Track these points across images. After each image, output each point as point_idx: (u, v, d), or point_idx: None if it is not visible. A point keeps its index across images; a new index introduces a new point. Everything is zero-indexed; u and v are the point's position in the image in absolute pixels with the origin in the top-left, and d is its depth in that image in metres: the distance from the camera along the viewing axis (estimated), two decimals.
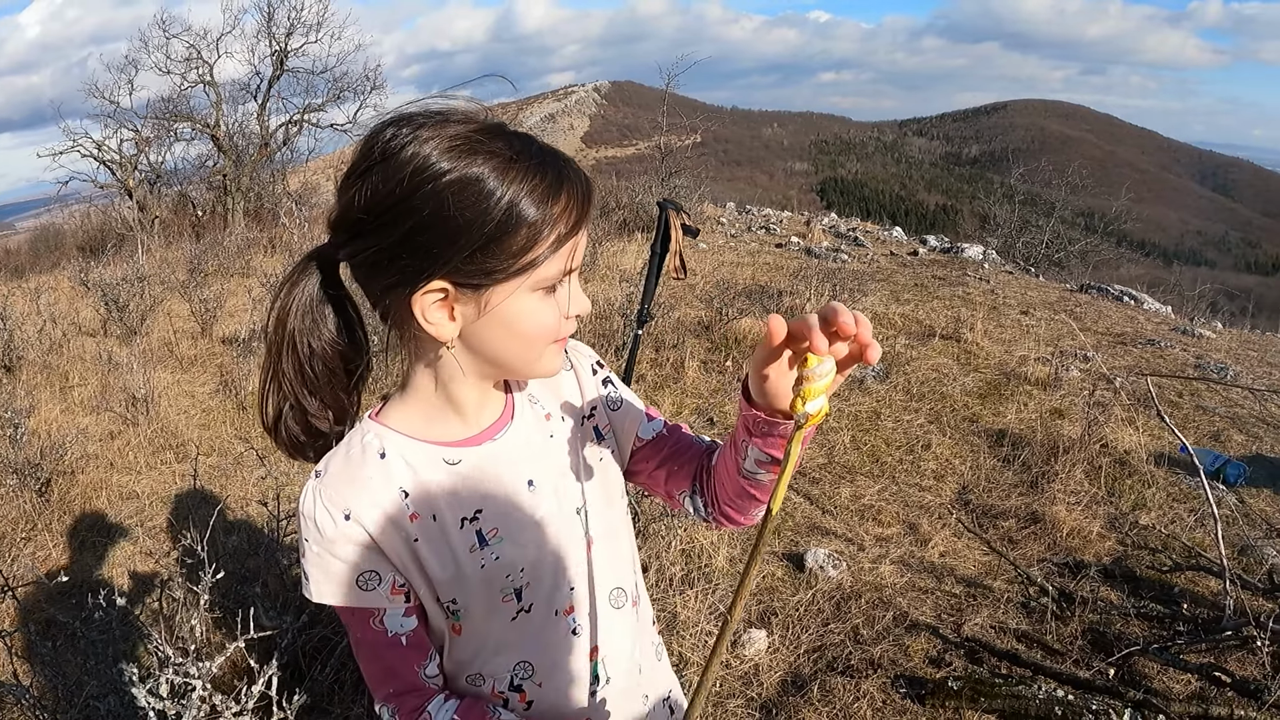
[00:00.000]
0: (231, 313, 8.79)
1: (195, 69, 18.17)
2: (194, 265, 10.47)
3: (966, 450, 6.06)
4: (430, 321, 1.16)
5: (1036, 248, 15.68)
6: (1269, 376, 8.08)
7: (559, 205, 1.14)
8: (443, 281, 1.13)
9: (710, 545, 4.44)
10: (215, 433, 5.96)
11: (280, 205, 16.09)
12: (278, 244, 12.63)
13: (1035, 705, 3.24)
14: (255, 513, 4.80)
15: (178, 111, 18.03)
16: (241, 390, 6.51)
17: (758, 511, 1.39)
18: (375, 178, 1.11)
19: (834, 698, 3.42)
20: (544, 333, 1.22)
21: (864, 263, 12.21)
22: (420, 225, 1.09)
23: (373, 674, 1.33)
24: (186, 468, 5.37)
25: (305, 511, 1.24)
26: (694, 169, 17.06)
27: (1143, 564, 4.58)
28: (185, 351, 7.63)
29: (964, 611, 4.12)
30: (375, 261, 1.15)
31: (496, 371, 1.28)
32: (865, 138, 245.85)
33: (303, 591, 1.26)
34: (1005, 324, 9.27)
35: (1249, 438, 6.46)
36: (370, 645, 1.30)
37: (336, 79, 19.03)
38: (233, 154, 17.96)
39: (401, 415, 1.31)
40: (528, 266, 1.14)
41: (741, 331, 8.06)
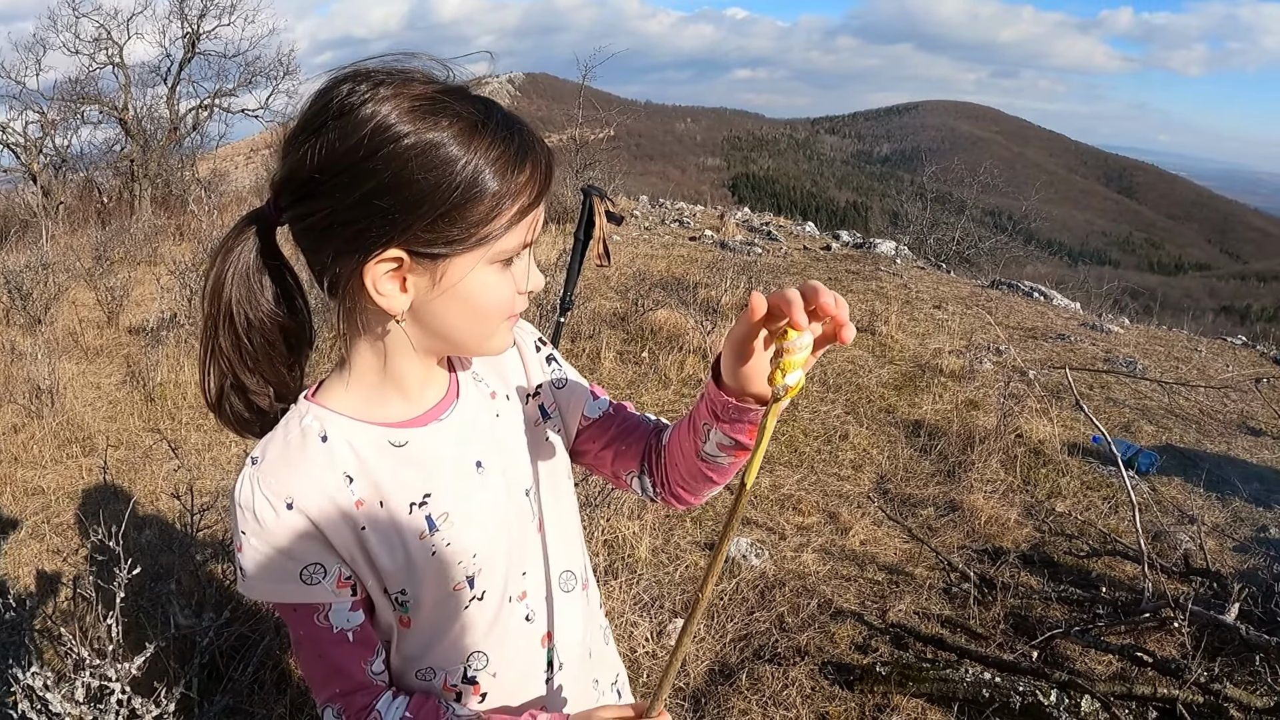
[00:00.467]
0: (139, 302, 8.52)
1: (105, 50, 17.59)
2: (100, 252, 10.13)
3: (883, 440, 6.10)
4: (381, 293, 1.09)
5: (948, 245, 15.92)
6: (1176, 370, 8.29)
7: (523, 175, 1.08)
8: (399, 250, 1.06)
9: (633, 536, 4.40)
10: (123, 425, 5.76)
11: (189, 192, 15.70)
12: (186, 232, 12.30)
13: (963, 688, 3.25)
14: (166, 507, 4.65)
15: (85, 94, 17.42)
16: (149, 381, 6.30)
17: (710, 492, 1.37)
18: (331, 135, 1.02)
19: (763, 686, 3.40)
20: (499, 308, 1.16)
21: (778, 257, 12.26)
22: (379, 188, 1.02)
23: (316, 674, 1.24)
24: (94, 462, 5.18)
25: (242, 501, 1.14)
26: (608, 162, 17.01)
27: (1060, 550, 4.64)
28: (91, 341, 7.38)
29: (887, 598, 4.13)
30: (327, 226, 1.06)
31: (445, 347, 1.22)
32: (778, 134, 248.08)
33: (238, 588, 1.19)
34: (919, 318, 9.38)
35: (1158, 428, 6.61)
36: (314, 643, 1.21)
37: (249, 63, 18.56)
38: (141, 138, 17.38)
39: (341, 395, 1.22)
40: (488, 238, 1.08)
41: (657, 323, 8.04)
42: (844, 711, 3.29)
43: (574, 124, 17.06)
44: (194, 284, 7.76)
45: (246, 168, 20.52)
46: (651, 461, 1.41)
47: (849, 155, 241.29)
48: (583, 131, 16.89)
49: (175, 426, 5.73)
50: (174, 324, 7.17)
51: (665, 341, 7.63)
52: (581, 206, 3.74)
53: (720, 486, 1.35)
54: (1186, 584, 4.22)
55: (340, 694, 1.23)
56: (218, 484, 4.96)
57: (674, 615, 3.90)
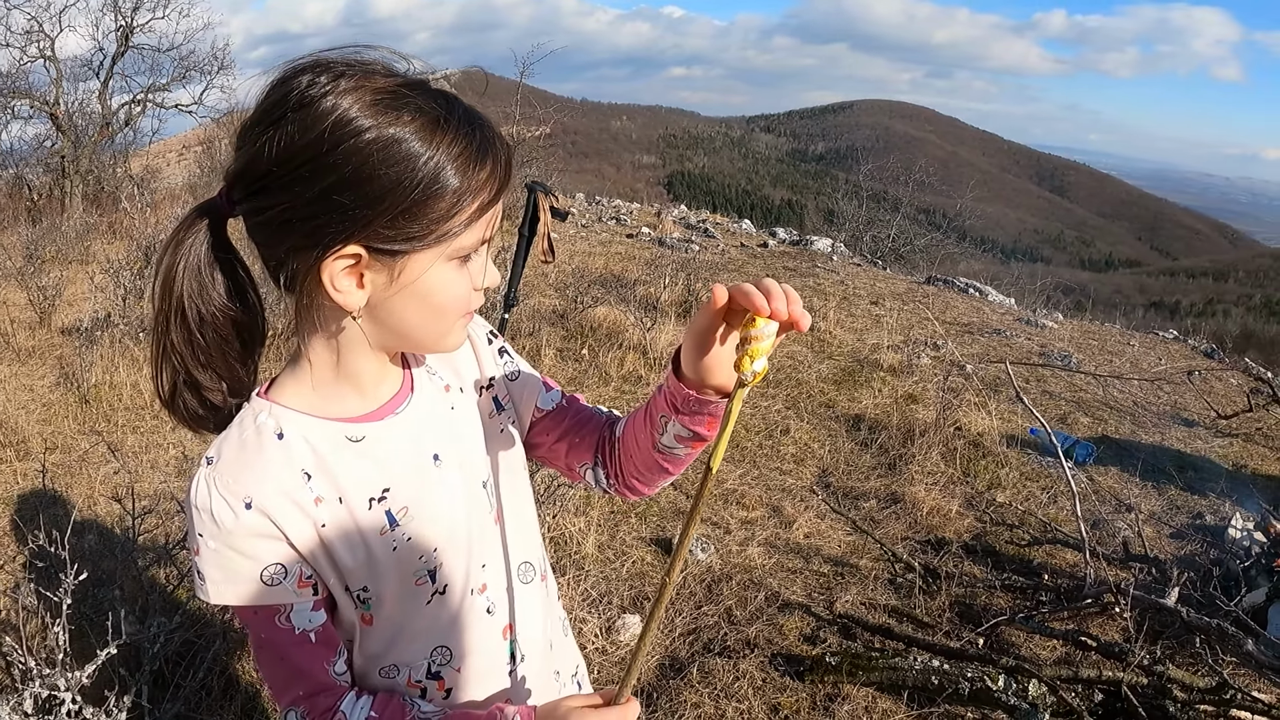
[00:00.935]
0: (71, 301, 8.32)
1: (36, 43, 17.06)
2: (31, 251, 9.89)
3: (824, 435, 6.14)
4: (338, 289, 1.06)
5: (883, 242, 16.08)
6: (1110, 364, 8.44)
7: (484, 171, 1.06)
8: (357, 246, 1.03)
9: (579, 532, 4.39)
10: (57, 428, 5.63)
11: (122, 189, 15.34)
12: (119, 229, 12.03)
13: (913, 676, 3.28)
14: (104, 511, 4.55)
15: (16, 88, 16.92)
16: (84, 383, 6.17)
17: (664, 482, 1.38)
18: (290, 127, 0.99)
19: (714, 679, 3.40)
20: (456, 305, 1.14)
21: (715, 254, 12.32)
22: (339, 183, 0.99)
23: (278, 676, 1.21)
24: (29, 466, 5.05)
25: (199, 504, 1.11)
26: (545, 160, 16.98)
27: (1002, 539, 4.71)
28: (22, 342, 7.19)
29: (834, 590, 4.15)
30: (284, 220, 1.03)
31: (401, 344, 1.19)
32: (713, 133, 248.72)
33: (197, 593, 1.15)
34: (856, 314, 9.47)
35: (1094, 420, 6.73)
36: (276, 645, 1.18)
37: (183, 58, 18.11)
38: (72, 134, 16.92)
39: (294, 391, 1.19)
40: (448, 234, 1.06)
41: (596, 320, 8.04)
42: (795, 702, 3.30)
43: (511, 122, 16.99)
44: (128, 283, 7.61)
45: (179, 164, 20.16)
46: (605, 453, 1.41)
47: (784, 154, 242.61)
48: (520, 129, 16.84)
49: (111, 429, 5.61)
50: (108, 324, 7.01)
51: (605, 338, 7.63)
52: (526, 202, 3.72)
53: (675, 476, 1.36)
54: (1126, 570, 4.30)
55: (304, 696, 1.21)
56: (156, 487, 4.86)
57: (623, 610, 3.90)
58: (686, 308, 8.65)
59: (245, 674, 3.34)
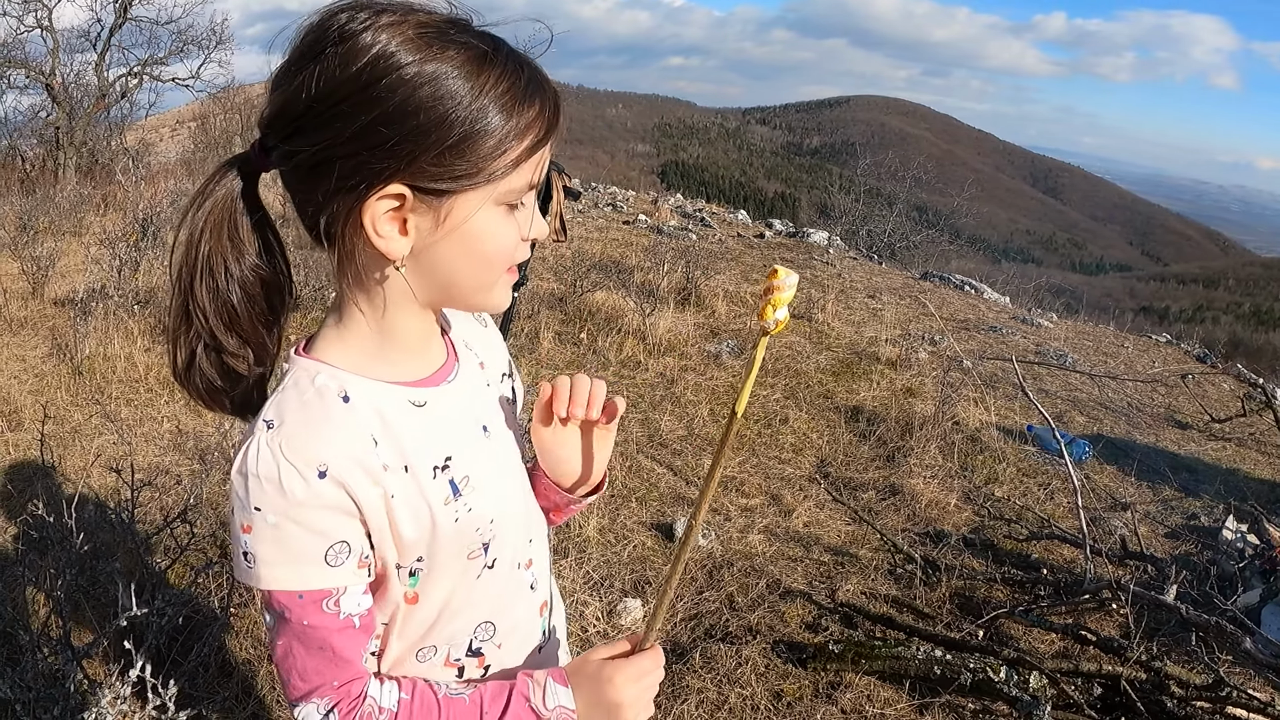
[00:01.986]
0: (64, 273, 8.26)
1: (34, 12, 16.92)
2: (24, 221, 9.83)
3: (823, 425, 6.15)
4: (381, 234, 1.00)
5: (879, 237, 16.09)
6: (1105, 364, 8.47)
7: (532, 111, 1.01)
8: (401, 186, 0.97)
9: (580, 516, 4.39)
10: (50, 399, 5.59)
11: (116, 162, 15.21)
12: (112, 202, 11.95)
13: (915, 665, 3.29)
14: (99, 483, 4.53)
15: (12, 58, 16.77)
16: (77, 354, 6.14)
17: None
18: (331, 62, 0.94)
19: (717, 664, 3.40)
20: (504, 253, 1.08)
21: (713, 242, 12.31)
22: (382, 118, 0.94)
23: (309, 667, 1.09)
24: (21, 437, 5.03)
25: (262, 472, 1.00)
26: None
27: (1000, 533, 4.72)
28: (15, 313, 7.15)
29: (834, 578, 4.16)
30: (322, 160, 0.97)
31: (445, 298, 1.12)
32: (709, 123, 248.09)
33: (241, 577, 1.05)
34: (854, 306, 9.48)
35: (1089, 419, 6.75)
36: (317, 633, 1.07)
37: (181, 31, 18.01)
38: (67, 105, 16.81)
39: (342, 352, 1.11)
40: (495, 175, 1.00)
41: (595, 305, 8.02)
42: (798, 689, 3.31)
43: None
44: (123, 255, 7.57)
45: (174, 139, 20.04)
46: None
47: (779, 146, 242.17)
48: None
49: (105, 401, 5.58)
50: (103, 296, 6.98)
51: (604, 323, 7.63)
52: None
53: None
54: (1123, 567, 4.32)
55: (338, 685, 1.10)
56: (152, 460, 4.85)
57: (624, 594, 3.90)
58: (686, 295, 8.64)
59: (242, 650, 3.33)
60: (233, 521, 1.04)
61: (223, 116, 18.39)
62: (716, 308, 8.52)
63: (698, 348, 7.39)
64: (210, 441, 4.97)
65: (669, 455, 5.43)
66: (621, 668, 1.17)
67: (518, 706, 1.15)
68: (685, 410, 6.15)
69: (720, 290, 8.93)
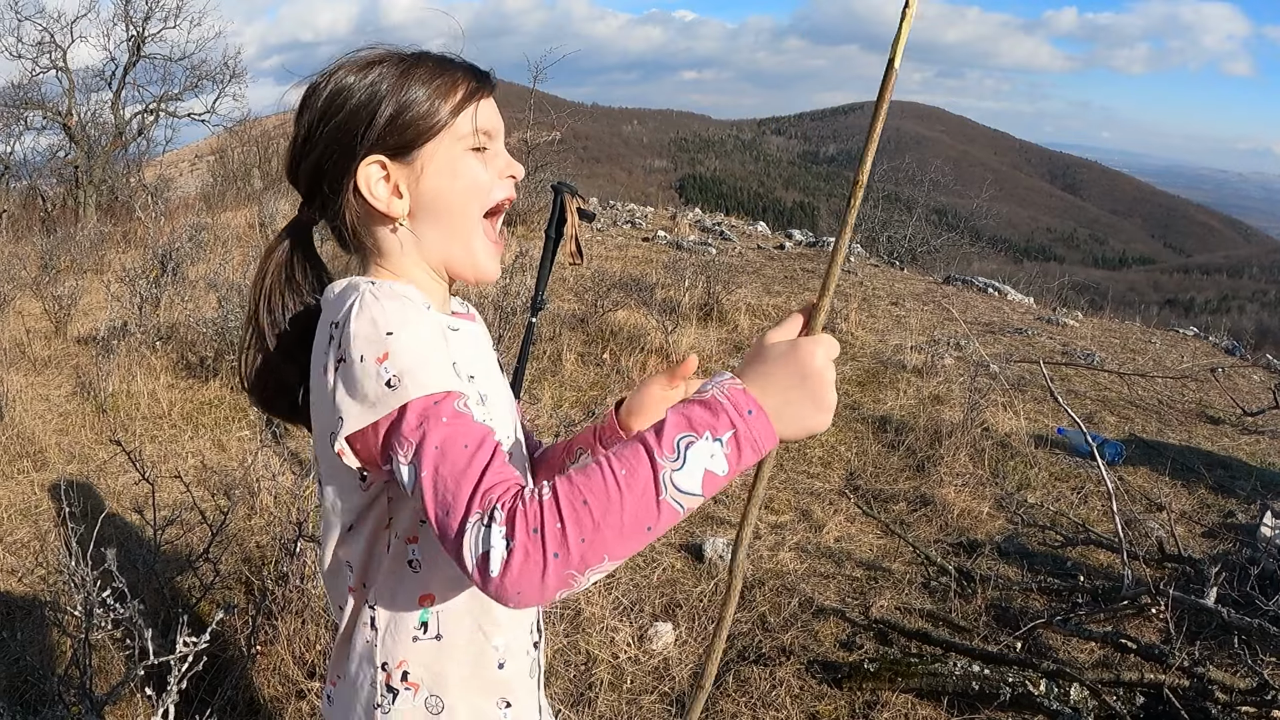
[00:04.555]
0: (86, 311, 8.31)
1: (48, 54, 17.17)
2: (46, 261, 9.91)
3: (851, 437, 6.09)
4: (377, 196, 1.27)
5: (899, 243, 16.01)
6: (1133, 362, 8.37)
7: (454, 73, 1.30)
8: (377, 154, 1.27)
9: None
10: (74, 438, 5.60)
11: (135, 198, 15.31)
12: (133, 239, 12.02)
13: (952, 681, 3.22)
14: (123, 523, 4.52)
15: (28, 99, 16.99)
16: (101, 392, 6.15)
17: None
18: (306, 110, 1.30)
19: (750, 687, 3.35)
20: (478, 185, 1.31)
21: (733, 256, 12.26)
22: (341, 120, 1.26)
23: (462, 474, 1.04)
24: (46, 476, 5.03)
25: (384, 303, 1.15)
26: (557, 164, 16.97)
27: (1034, 541, 4.65)
28: (39, 352, 7.19)
29: (868, 594, 4.10)
30: (318, 168, 1.29)
31: (442, 252, 1.33)
32: (724, 136, 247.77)
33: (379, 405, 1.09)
34: (877, 314, 9.41)
35: (1120, 419, 6.66)
36: (464, 434, 1.07)
37: (195, 67, 18.22)
38: (85, 144, 16.96)
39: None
40: (440, 124, 1.27)
41: (617, 324, 7.99)
42: (834, 710, 3.25)
43: (523, 127, 16.97)
44: (144, 291, 7.60)
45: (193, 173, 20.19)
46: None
47: (795, 156, 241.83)
48: (532, 135, 16.81)
49: (129, 438, 5.57)
50: (125, 333, 6.99)
51: (626, 342, 7.58)
52: (553, 204, 3.67)
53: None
54: (1161, 570, 4.24)
55: (495, 487, 1.02)
56: (177, 497, 4.83)
57: (654, 619, 3.85)
58: (708, 310, 8.59)
59: (269, 688, 3.29)
60: (355, 371, 1.11)
61: (240, 149, 18.52)
62: (739, 322, 8.47)
63: (721, 363, 7.34)
64: (235, 476, 4.96)
65: None
66: (819, 341, 1.10)
67: (677, 411, 1.04)
68: None
69: (742, 304, 8.88)
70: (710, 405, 1.03)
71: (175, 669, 2.64)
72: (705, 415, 1.02)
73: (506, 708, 1.35)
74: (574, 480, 1.00)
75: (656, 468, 1.00)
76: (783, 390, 1.07)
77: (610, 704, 3.27)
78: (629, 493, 0.99)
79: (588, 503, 0.98)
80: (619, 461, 1.01)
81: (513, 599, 1.00)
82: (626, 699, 3.31)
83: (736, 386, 1.05)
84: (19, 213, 15.23)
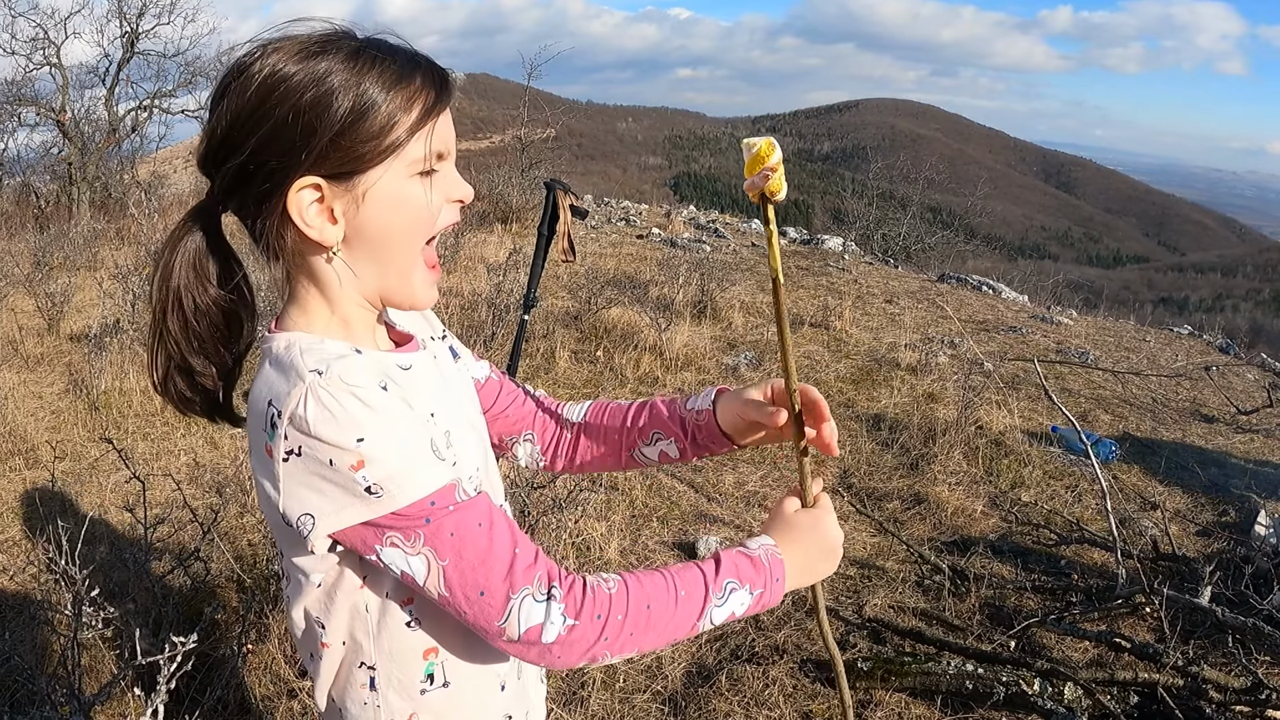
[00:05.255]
0: (79, 308, 8.27)
1: (41, 50, 17.03)
2: (39, 258, 9.86)
3: (844, 435, 6.07)
4: (310, 224, 1.11)
5: (894, 240, 16.00)
6: (1127, 360, 8.37)
7: (413, 84, 1.12)
8: (313, 176, 1.10)
9: (601, 538, 4.34)
10: (66, 435, 5.58)
11: (129, 195, 15.24)
12: (126, 236, 11.97)
13: (946, 680, 3.22)
14: (116, 520, 4.50)
15: (22, 96, 16.87)
16: (93, 390, 6.12)
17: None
18: (234, 94, 1.09)
19: (743, 686, 3.33)
20: (422, 219, 1.17)
21: (728, 254, 12.24)
22: (279, 124, 1.07)
23: (491, 554, 1.09)
24: (38, 474, 5.00)
25: (345, 406, 1.03)
26: (551, 162, 16.96)
27: (1028, 539, 4.64)
28: (31, 350, 7.16)
29: (861, 593, 4.09)
30: (243, 176, 1.11)
31: (378, 283, 1.19)
32: (719, 133, 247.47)
33: (367, 512, 1.05)
34: (871, 312, 9.41)
35: (1114, 417, 6.66)
36: (471, 511, 1.09)
37: (189, 63, 18.07)
38: (79, 141, 16.84)
39: (320, 331, 1.19)
40: (393, 147, 1.11)
41: (611, 321, 7.97)
42: (828, 709, 3.24)
43: (517, 124, 16.94)
44: (137, 289, 7.58)
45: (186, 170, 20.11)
46: (551, 433, 1.58)
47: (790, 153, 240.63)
48: (526, 132, 16.79)
49: (121, 436, 5.56)
50: (117, 330, 6.97)
51: (620, 340, 7.57)
52: (545, 201, 3.66)
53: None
54: (1155, 569, 4.23)
55: (531, 556, 1.12)
56: (169, 495, 4.81)
57: None
58: (702, 308, 8.58)
59: (260, 687, 3.28)
60: (323, 472, 1.05)
61: None
62: (733, 319, 8.46)
63: (715, 360, 7.33)
64: (227, 474, 4.95)
65: (689, 472, 5.37)
66: (827, 510, 1.33)
67: (729, 557, 1.23)
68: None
69: (736, 301, 8.87)
70: (756, 564, 1.23)
71: (165, 668, 2.63)
72: (750, 571, 1.22)
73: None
74: (644, 585, 1.16)
75: (707, 601, 1.18)
76: (813, 561, 1.30)
77: (603, 703, 3.26)
78: (680, 613, 1.16)
79: (650, 608, 1.14)
80: (682, 583, 1.18)
81: (549, 663, 1.14)
82: (619, 698, 3.30)
83: (777, 556, 1.25)
84: (12, 209, 15.14)
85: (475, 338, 6.99)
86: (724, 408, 1.44)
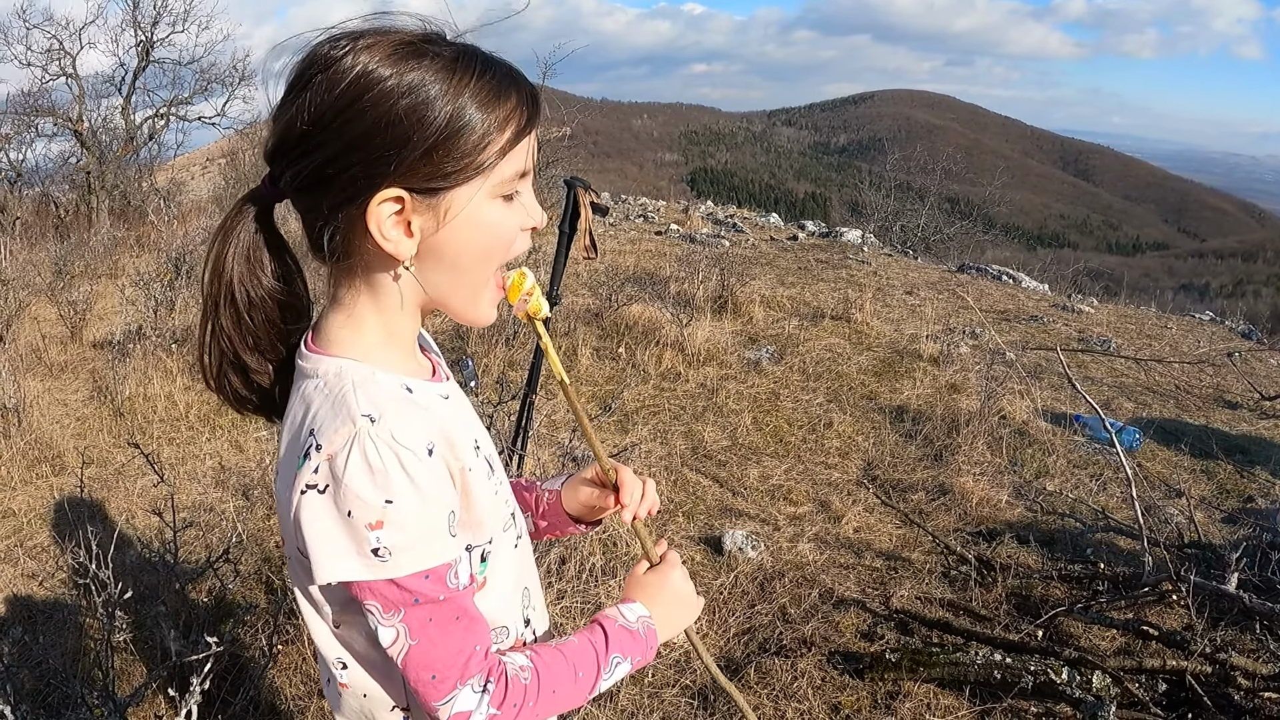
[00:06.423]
0: (101, 315, 8.35)
1: (57, 61, 17.11)
2: (60, 266, 9.94)
3: (868, 427, 6.07)
4: (387, 238, 1.08)
5: (913, 231, 15.97)
6: (1149, 347, 8.33)
7: (509, 102, 1.10)
8: (397, 189, 1.06)
9: (628, 534, 4.34)
10: (92, 442, 5.63)
11: (147, 203, 15.35)
12: (146, 243, 12.06)
13: (974, 671, 3.22)
14: (143, 525, 4.53)
15: (39, 106, 16.94)
16: (117, 396, 6.17)
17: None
18: (319, 88, 1.04)
19: (772, 679, 3.34)
20: (503, 242, 1.16)
21: (746, 248, 12.23)
22: (369, 130, 1.03)
23: (451, 649, 1.12)
24: (65, 481, 5.05)
25: (387, 465, 1.02)
26: (568, 160, 16.96)
27: (1054, 528, 4.63)
28: (55, 357, 7.22)
29: (888, 584, 4.09)
30: (322, 178, 1.07)
31: (443, 298, 1.17)
32: (735, 128, 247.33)
33: (373, 574, 1.05)
34: (891, 304, 9.38)
35: (1138, 405, 6.64)
36: (452, 602, 1.11)
37: (204, 70, 18.12)
38: (96, 150, 16.90)
39: (366, 351, 1.16)
40: (484, 166, 1.09)
41: (632, 318, 7.97)
42: (856, 700, 3.25)
43: None
44: (159, 295, 7.63)
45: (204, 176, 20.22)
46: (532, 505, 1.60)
47: (806, 147, 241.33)
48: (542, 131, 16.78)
49: (146, 441, 5.59)
50: (140, 336, 7.01)
51: (641, 336, 7.57)
52: (566, 199, 3.68)
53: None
54: (1182, 557, 4.21)
55: (483, 653, 1.16)
56: (195, 499, 4.85)
57: None
58: (722, 303, 8.57)
59: (290, 687, 3.31)
60: (339, 521, 1.04)
61: (252, 152, 18.48)
62: (754, 314, 8.45)
63: (737, 355, 7.33)
64: (253, 477, 4.98)
65: (714, 467, 5.38)
66: (673, 566, 1.46)
67: (614, 632, 1.31)
68: (728, 420, 6.10)
69: (756, 296, 8.85)
70: (634, 637, 1.33)
71: (198, 669, 2.65)
72: (630, 644, 1.32)
73: None
74: (551, 671, 1.23)
75: (598, 677, 1.28)
76: (673, 613, 1.43)
77: (632, 697, 3.27)
78: (577, 690, 1.25)
79: (555, 691, 1.22)
80: (580, 664, 1.26)
81: None
82: (648, 692, 3.31)
83: (651, 625, 1.36)
84: (32, 219, 15.21)
85: (496, 336, 7.01)
86: (567, 493, 1.52)
